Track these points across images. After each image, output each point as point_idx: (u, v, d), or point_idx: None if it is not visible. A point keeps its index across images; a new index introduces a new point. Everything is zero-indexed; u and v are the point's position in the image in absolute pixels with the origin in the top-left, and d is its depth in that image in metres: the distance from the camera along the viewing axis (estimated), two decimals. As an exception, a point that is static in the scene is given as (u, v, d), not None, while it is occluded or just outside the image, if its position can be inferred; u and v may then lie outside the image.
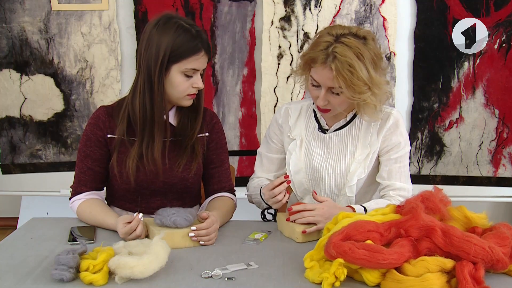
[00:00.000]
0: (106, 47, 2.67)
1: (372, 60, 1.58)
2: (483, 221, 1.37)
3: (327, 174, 1.74)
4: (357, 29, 1.61)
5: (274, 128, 1.86)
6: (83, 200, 1.69)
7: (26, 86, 2.72)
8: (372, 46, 1.59)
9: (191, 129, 1.72)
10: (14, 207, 3.22)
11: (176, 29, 1.60)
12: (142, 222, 1.51)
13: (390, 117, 1.71)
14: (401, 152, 1.72)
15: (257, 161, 1.92)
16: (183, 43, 1.59)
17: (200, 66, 1.63)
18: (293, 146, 1.80)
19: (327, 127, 1.77)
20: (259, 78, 2.72)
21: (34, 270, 1.31)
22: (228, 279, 1.27)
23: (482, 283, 1.16)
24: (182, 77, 1.62)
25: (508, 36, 2.62)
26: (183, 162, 1.71)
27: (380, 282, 1.22)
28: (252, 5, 2.64)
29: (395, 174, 1.71)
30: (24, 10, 2.64)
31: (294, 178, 1.79)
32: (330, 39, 1.58)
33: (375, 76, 1.58)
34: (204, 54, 1.63)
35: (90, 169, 1.70)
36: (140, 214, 1.51)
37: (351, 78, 1.54)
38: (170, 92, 1.64)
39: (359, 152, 1.72)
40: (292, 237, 1.56)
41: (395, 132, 1.71)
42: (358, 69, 1.54)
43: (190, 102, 1.68)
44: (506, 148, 2.74)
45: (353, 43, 1.56)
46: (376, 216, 1.34)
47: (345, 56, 1.54)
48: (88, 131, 1.71)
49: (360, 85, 1.56)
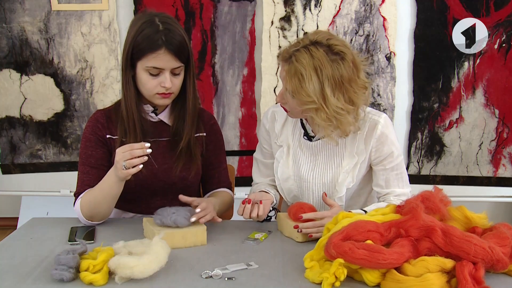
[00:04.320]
0: (106, 47, 2.67)
1: (334, 79, 1.48)
2: (483, 221, 1.36)
3: (314, 183, 1.71)
4: (338, 45, 1.50)
5: (263, 133, 1.83)
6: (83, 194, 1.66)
7: (26, 86, 2.72)
8: (343, 68, 1.48)
9: (182, 129, 1.71)
10: (14, 207, 3.22)
11: (142, 24, 1.56)
12: (146, 152, 1.44)
13: (378, 126, 1.63)
14: (396, 161, 1.67)
15: (254, 167, 1.90)
16: (144, 39, 1.55)
17: (161, 65, 1.56)
18: (280, 153, 1.76)
19: (313, 134, 1.72)
20: (259, 78, 2.72)
21: (34, 270, 1.31)
22: (228, 279, 1.27)
23: (482, 283, 1.16)
24: (147, 75, 1.58)
25: (508, 36, 2.62)
26: (181, 163, 1.70)
27: (380, 282, 1.22)
28: (252, 5, 2.64)
29: (393, 181, 1.68)
30: (24, 10, 2.64)
31: (283, 186, 1.76)
32: (305, 42, 1.52)
33: (329, 95, 1.48)
34: (165, 52, 1.54)
35: (93, 167, 1.68)
36: (148, 144, 1.45)
37: (298, 87, 1.49)
38: (141, 89, 1.64)
39: (346, 161, 1.67)
40: (292, 237, 1.56)
41: (385, 142, 1.64)
42: (307, 80, 1.47)
43: (164, 101, 1.64)
44: (506, 148, 2.74)
45: (318, 55, 1.48)
46: (376, 216, 1.34)
47: (300, 63, 1.48)
48: (87, 133, 1.71)
49: (305, 97, 1.49)
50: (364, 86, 1.55)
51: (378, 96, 2.70)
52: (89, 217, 1.63)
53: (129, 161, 1.45)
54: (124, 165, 1.46)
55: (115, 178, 1.54)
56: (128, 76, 1.63)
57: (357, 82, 1.53)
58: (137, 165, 1.46)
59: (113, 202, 1.63)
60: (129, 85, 1.64)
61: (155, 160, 1.67)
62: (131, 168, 1.46)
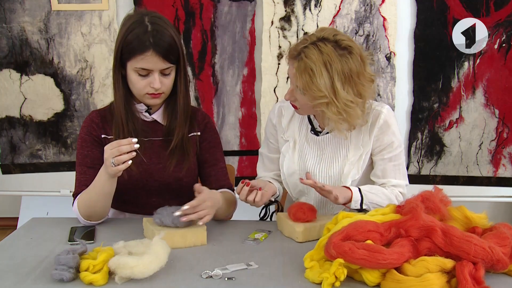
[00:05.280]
0: (106, 47, 2.67)
1: (343, 73, 1.52)
2: (483, 221, 1.37)
3: (320, 176, 1.73)
4: (345, 39, 1.55)
5: (270, 128, 1.86)
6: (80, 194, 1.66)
7: (26, 86, 2.72)
8: (352, 61, 1.53)
9: (175, 128, 1.70)
10: (14, 207, 3.22)
11: (131, 24, 1.57)
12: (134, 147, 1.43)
13: (380, 115, 1.67)
14: (395, 151, 1.69)
15: (259, 162, 1.92)
16: (132, 40, 1.55)
17: (149, 66, 1.56)
18: (286, 148, 1.79)
19: (320, 129, 1.75)
20: (259, 78, 2.71)
21: (34, 270, 1.31)
22: (228, 279, 1.27)
23: (482, 283, 1.16)
24: (136, 76, 1.59)
25: (508, 36, 2.62)
26: (174, 162, 1.70)
27: (380, 282, 1.22)
28: (252, 5, 2.64)
29: (389, 172, 1.70)
30: (24, 10, 2.64)
31: (288, 180, 1.79)
32: (312, 38, 1.56)
33: (339, 89, 1.52)
34: (152, 53, 1.54)
35: (91, 167, 1.69)
36: (135, 139, 1.45)
37: (309, 83, 1.52)
38: (131, 89, 1.65)
39: (352, 153, 1.70)
40: (292, 237, 1.56)
41: (386, 132, 1.68)
42: (317, 76, 1.50)
43: (154, 101, 1.65)
44: (506, 148, 2.74)
45: (326, 50, 1.52)
46: (376, 216, 1.34)
47: (310, 59, 1.51)
48: (83, 133, 1.71)
49: (316, 92, 1.52)
50: (371, 79, 1.60)
51: (378, 96, 2.69)
52: (87, 217, 1.64)
53: (117, 158, 1.45)
54: (112, 162, 1.46)
55: (106, 175, 1.54)
56: (118, 76, 1.63)
57: (365, 75, 1.57)
58: (126, 161, 1.46)
59: (107, 201, 1.63)
60: (118, 85, 1.64)
61: (149, 159, 1.67)
62: (121, 165, 1.46)
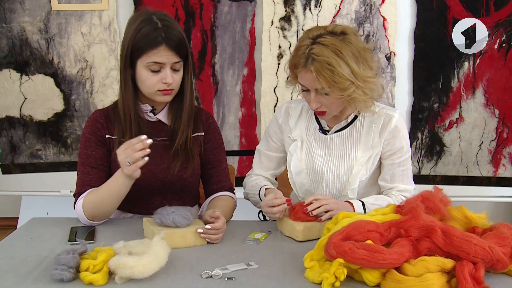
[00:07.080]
0: (106, 47, 2.68)
1: (354, 54, 1.55)
2: (483, 221, 1.36)
3: (328, 175, 1.74)
4: (334, 27, 1.59)
5: (274, 127, 1.85)
6: (85, 194, 1.65)
7: (26, 86, 2.72)
8: (353, 41, 1.57)
9: (179, 128, 1.71)
10: (14, 207, 3.22)
11: (140, 23, 1.58)
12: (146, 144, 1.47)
13: (392, 120, 1.69)
14: (404, 156, 1.71)
15: (255, 158, 1.91)
16: (143, 37, 1.57)
17: (162, 59, 1.58)
18: (294, 147, 1.79)
19: (328, 128, 1.76)
20: (259, 78, 2.72)
21: (34, 270, 1.31)
22: (228, 279, 1.27)
23: (482, 283, 1.16)
24: (147, 72, 1.60)
25: (508, 36, 2.62)
26: (179, 162, 1.71)
27: (380, 282, 1.22)
28: (252, 5, 2.64)
29: (398, 177, 1.72)
30: (24, 10, 2.64)
31: (295, 179, 1.79)
32: (308, 42, 1.57)
33: (358, 70, 1.55)
34: (165, 48, 1.57)
35: (93, 168, 1.68)
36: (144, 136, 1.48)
37: (332, 77, 1.53)
38: (141, 87, 1.65)
39: (360, 154, 1.71)
40: (292, 236, 1.56)
41: (397, 136, 1.69)
42: (337, 66, 1.52)
43: (165, 98, 1.66)
44: (506, 148, 2.74)
45: (329, 41, 1.54)
46: (376, 216, 1.34)
47: (322, 55, 1.53)
48: (87, 133, 1.71)
49: (342, 81, 1.54)
50: (369, 49, 1.63)
51: (378, 96, 2.70)
52: (92, 217, 1.63)
53: (132, 156, 1.47)
54: (128, 162, 1.48)
55: (123, 178, 1.55)
56: (127, 76, 1.63)
57: (365, 47, 1.61)
58: (142, 157, 1.48)
59: (118, 203, 1.64)
60: (127, 84, 1.64)
61: (153, 160, 1.67)
62: (138, 162, 1.49)
